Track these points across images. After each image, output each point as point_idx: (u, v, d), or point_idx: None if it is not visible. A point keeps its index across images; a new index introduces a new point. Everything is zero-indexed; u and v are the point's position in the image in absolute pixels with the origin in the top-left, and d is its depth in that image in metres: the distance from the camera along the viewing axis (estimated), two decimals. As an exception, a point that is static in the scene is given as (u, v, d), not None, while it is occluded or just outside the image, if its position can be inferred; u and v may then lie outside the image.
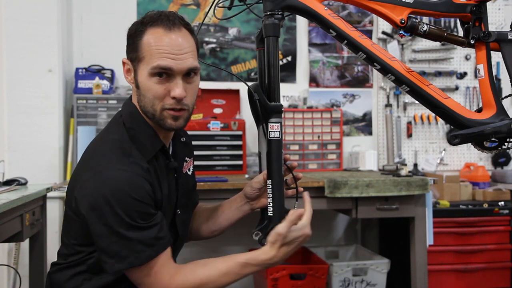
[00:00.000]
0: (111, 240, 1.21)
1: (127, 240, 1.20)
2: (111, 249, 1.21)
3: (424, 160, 3.47)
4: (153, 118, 1.30)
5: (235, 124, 2.95)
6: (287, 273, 2.68)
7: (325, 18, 1.35)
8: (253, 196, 1.48)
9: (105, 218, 1.20)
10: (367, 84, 3.48)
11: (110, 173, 1.22)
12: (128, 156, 1.26)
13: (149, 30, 1.27)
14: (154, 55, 1.25)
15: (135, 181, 1.22)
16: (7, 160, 2.71)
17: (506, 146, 1.42)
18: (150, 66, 1.26)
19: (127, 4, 3.20)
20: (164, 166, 1.35)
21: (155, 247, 1.23)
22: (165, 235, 1.26)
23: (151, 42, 1.26)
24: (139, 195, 1.21)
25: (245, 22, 3.32)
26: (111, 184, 1.20)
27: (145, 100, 1.29)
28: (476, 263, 3.01)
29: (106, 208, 1.19)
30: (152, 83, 1.27)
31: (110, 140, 1.31)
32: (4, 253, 2.71)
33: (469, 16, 1.40)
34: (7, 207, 1.78)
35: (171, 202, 1.37)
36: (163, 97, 1.28)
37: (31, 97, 2.77)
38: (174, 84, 1.27)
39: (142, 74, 1.28)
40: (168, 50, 1.26)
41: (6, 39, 2.76)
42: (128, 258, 1.21)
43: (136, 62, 1.29)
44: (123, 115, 1.36)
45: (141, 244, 1.21)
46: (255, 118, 1.37)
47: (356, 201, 2.47)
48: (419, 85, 1.37)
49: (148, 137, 1.32)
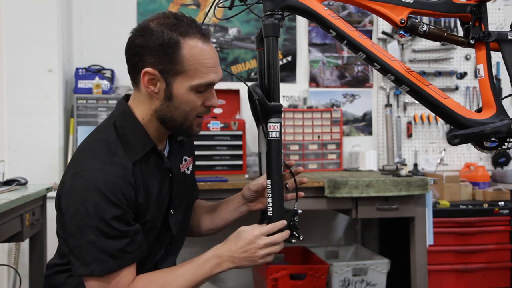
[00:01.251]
0: (79, 242, 1.18)
1: (93, 246, 1.17)
2: (78, 252, 1.19)
3: (424, 160, 3.47)
4: (180, 126, 1.30)
5: (235, 124, 2.96)
6: (287, 273, 2.68)
7: (325, 18, 1.34)
8: (250, 198, 1.47)
9: (77, 218, 1.17)
10: (367, 84, 3.48)
11: (88, 172, 1.20)
12: (112, 156, 1.23)
13: (187, 42, 1.23)
14: (199, 70, 1.24)
15: (113, 181, 1.19)
16: (7, 160, 2.71)
17: (506, 146, 1.42)
18: (197, 82, 1.24)
19: (127, 4, 3.20)
20: (156, 166, 1.33)
21: (120, 260, 1.19)
22: (135, 250, 1.22)
23: (193, 56, 1.23)
24: (115, 197, 1.18)
25: (245, 22, 3.32)
26: (87, 183, 1.18)
27: (178, 111, 1.27)
28: (476, 263, 3.01)
29: (79, 208, 1.17)
30: (192, 96, 1.26)
31: (97, 139, 1.29)
32: (4, 253, 2.71)
33: (469, 16, 1.40)
34: (7, 207, 1.78)
35: (162, 203, 1.35)
36: (198, 107, 1.29)
37: (31, 97, 2.78)
38: (210, 94, 1.29)
39: (181, 87, 1.24)
40: (212, 64, 1.25)
41: (6, 39, 2.76)
42: (91, 265, 1.17)
43: (171, 74, 1.24)
44: (115, 115, 1.34)
45: (104, 254, 1.17)
46: (255, 118, 1.37)
47: (356, 201, 2.47)
48: (419, 85, 1.37)
49: (138, 137, 1.30)
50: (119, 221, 1.19)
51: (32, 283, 2.32)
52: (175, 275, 1.25)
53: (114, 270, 1.19)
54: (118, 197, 1.18)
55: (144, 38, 1.23)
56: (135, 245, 1.22)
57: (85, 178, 1.19)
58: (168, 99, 1.26)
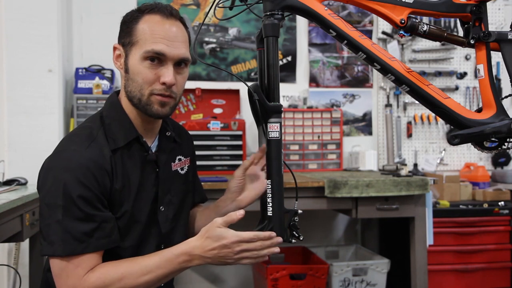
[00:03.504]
0: (47, 222, 1.20)
1: (59, 225, 1.18)
2: (45, 231, 1.20)
3: (424, 160, 3.47)
4: (139, 103, 1.30)
5: (235, 124, 2.95)
6: (287, 273, 2.68)
7: (325, 18, 1.34)
8: (238, 188, 1.47)
9: (47, 197, 1.20)
10: (367, 84, 3.48)
11: (64, 153, 1.24)
12: (91, 140, 1.26)
13: (146, 17, 1.30)
14: (148, 40, 1.27)
15: (86, 164, 1.21)
16: (7, 160, 2.71)
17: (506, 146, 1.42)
18: (144, 50, 1.27)
19: (127, 4, 3.19)
20: (139, 157, 1.34)
21: (83, 244, 1.18)
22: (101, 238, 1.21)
23: (146, 27, 1.29)
24: (85, 179, 1.20)
25: (245, 22, 3.32)
26: (61, 163, 1.22)
27: (133, 84, 1.30)
28: (476, 263, 3.01)
29: (50, 187, 1.20)
30: (142, 67, 1.28)
31: (82, 127, 1.33)
32: (4, 253, 2.71)
33: (469, 16, 1.40)
34: (7, 207, 1.78)
35: (146, 196, 1.35)
36: (152, 82, 1.29)
37: (31, 97, 2.77)
38: (165, 70, 1.29)
39: (134, 58, 1.29)
40: (163, 35, 1.28)
41: (6, 39, 2.76)
42: (54, 245, 1.18)
43: (128, 46, 1.30)
44: (104, 106, 1.39)
45: (69, 235, 1.18)
46: (255, 118, 1.37)
47: (356, 201, 2.47)
48: (419, 85, 1.37)
49: (123, 127, 1.33)
50: (86, 202, 1.20)
51: (32, 283, 2.33)
52: (139, 267, 1.21)
53: (76, 253, 1.19)
54: (89, 180, 1.20)
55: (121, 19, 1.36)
56: (103, 232, 1.22)
57: (60, 159, 1.24)
58: (126, 71, 1.32)
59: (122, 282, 1.19)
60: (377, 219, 3.28)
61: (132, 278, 1.20)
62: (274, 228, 1.29)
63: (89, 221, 1.20)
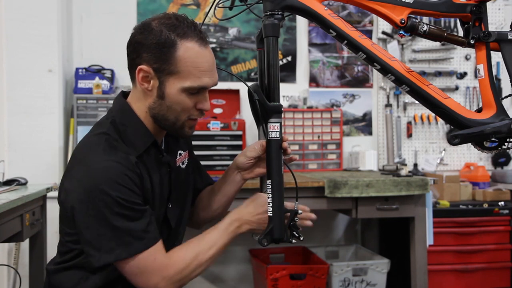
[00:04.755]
0: (98, 232, 1.20)
1: (115, 231, 1.19)
2: (98, 241, 1.21)
3: (424, 160, 3.47)
4: (172, 126, 1.33)
5: (235, 124, 2.95)
6: (287, 273, 2.68)
7: (325, 18, 1.35)
8: (246, 166, 1.46)
9: (93, 208, 1.20)
10: (367, 84, 3.48)
11: (97, 164, 1.23)
12: (115, 149, 1.27)
13: (184, 44, 1.25)
14: (192, 73, 1.26)
15: (122, 170, 1.22)
16: (7, 160, 2.72)
17: (506, 146, 1.42)
18: (188, 85, 1.26)
19: (127, 4, 3.20)
20: (155, 160, 1.36)
21: (144, 240, 1.22)
22: (154, 230, 1.25)
23: (188, 58, 1.25)
24: (126, 183, 1.21)
25: (245, 22, 3.32)
26: (98, 174, 1.21)
27: (170, 111, 1.30)
28: (476, 263, 3.01)
29: (95, 198, 1.19)
30: (183, 97, 1.28)
31: (98, 135, 1.32)
32: (4, 253, 2.71)
33: (469, 16, 1.40)
34: (7, 207, 1.78)
35: (163, 196, 1.38)
36: (190, 109, 1.31)
37: (31, 97, 2.78)
38: (203, 98, 1.32)
39: (173, 87, 1.27)
40: (206, 68, 1.28)
41: (6, 39, 2.76)
42: (116, 250, 1.20)
43: (165, 73, 1.26)
44: (114, 111, 1.37)
45: (129, 236, 1.20)
46: (255, 118, 1.37)
47: (356, 201, 2.47)
48: (419, 85, 1.37)
49: (139, 133, 1.33)
50: (133, 204, 1.22)
51: (32, 283, 2.32)
52: (205, 242, 1.30)
53: (140, 251, 1.22)
54: (129, 184, 1.22)
55: (143, 35, 1.26)
56: (153, 226, 1.26)
57: (95, 169, 1.22)
58: (161, 97, 1.29)
59: (198, 259, 1.28)
60: (377, 219, 3.28)
61: (203, 254, 1.29)
62: (274, 228, 1.29)
63: (141, 219, 1.23)
